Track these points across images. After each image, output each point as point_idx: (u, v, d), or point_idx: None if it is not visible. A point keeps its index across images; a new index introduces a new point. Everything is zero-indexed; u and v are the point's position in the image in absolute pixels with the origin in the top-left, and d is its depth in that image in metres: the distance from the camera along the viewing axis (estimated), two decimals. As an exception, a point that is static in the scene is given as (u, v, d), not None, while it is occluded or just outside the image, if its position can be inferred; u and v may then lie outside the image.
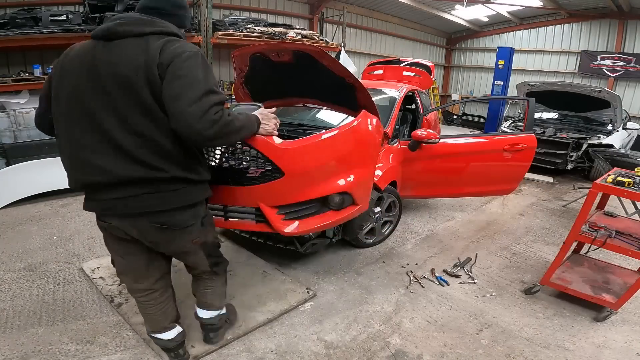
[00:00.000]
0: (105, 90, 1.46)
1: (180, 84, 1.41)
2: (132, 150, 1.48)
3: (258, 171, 1.93)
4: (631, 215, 3.87)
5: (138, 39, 1.47)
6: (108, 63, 1.45)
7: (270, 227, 2.09)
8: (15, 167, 4.31)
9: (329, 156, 2.13)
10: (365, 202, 2.41)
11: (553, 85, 6.88)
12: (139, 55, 1.43)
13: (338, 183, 2.15)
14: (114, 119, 1.47)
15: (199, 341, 2.24)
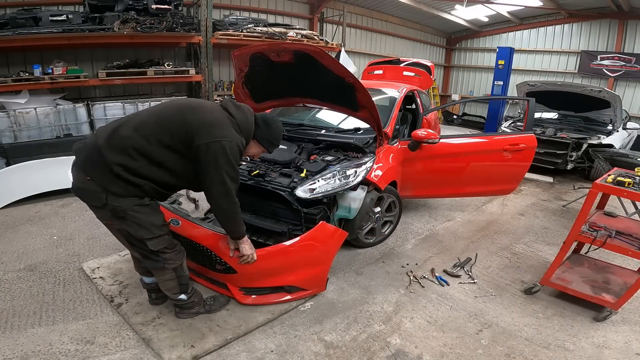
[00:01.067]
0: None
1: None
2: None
3: (221, 267, 2.55)
4: (631, 215, 3.87)
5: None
6: None
7: (234, 297, 2.63)
8: (15, 167, 4.31)
9: (272, 264, 2.54)
10: (320, 287, 2.78)
11: (553, 85, 6.88)
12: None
13: (285, 281, 2.62)
14: None
15: (199, 341, 2.24)
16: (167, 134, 1.90)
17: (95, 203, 1.92)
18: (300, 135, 3.66)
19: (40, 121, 4.78)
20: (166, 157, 1.92)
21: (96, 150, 1.87)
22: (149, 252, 2.10)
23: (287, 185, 3.00)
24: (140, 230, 2.00)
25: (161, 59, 6.39)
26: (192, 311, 2.44)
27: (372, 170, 3.16)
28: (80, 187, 1.91)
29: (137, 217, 1.95)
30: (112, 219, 1.97)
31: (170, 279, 2.23)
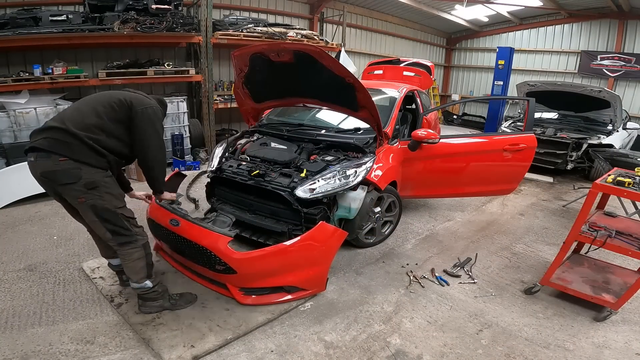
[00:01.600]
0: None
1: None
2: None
3: (221, 267, 2.55)
4: (631, 215, 3.87)
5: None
6: None
7: (234, 297, 2.64)
8: (15, 167, 4.30)
9: (274, 265, 2.58)
10: (319, 287, 2.79)
11: (553, 85, 6.88)
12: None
13: (285, 281, 2.63)
14: None
15: (199, 341, 2.24)
16: (114, 110, 2.24)
17: (71, 180, 2.10)
18: (300, 135, 3.66)
19: (40, 121, 4.77)
20: (119, 130, 2.25)
21: (65, 132, 2.10)
22: (122, 226, 2.25)
23: (287, 185, 3.00)
24: (113, 199, 2.22)
25: (161, 59, 6.39)
26: (156, 304, 2.47)
27: (372, 170, 3.16)
28: (53, 169, 2.09)
29: (108, 187, 2.20)
30: (86, 193, 2.13)
31: (139, 258, 2.31)
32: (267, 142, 3.62)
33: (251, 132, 3.92)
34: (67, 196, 2.20)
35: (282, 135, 3.69)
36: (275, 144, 3.56)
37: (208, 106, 6.25)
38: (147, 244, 2.38)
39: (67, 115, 2.21)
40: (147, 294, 2.42)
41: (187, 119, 6.12)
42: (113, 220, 2.22)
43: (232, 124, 7.90)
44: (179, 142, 5.91)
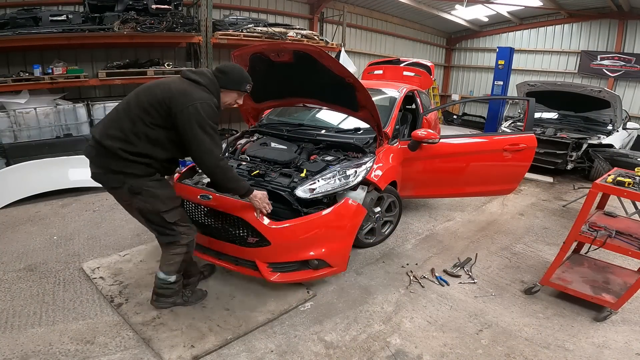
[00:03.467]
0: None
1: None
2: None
3: (254, 240, 2.60)
4: (631, 215, 3.87)
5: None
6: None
7: (261, 275, 2.66)
8: (15, 167, 4.31)
9: (308, 234, 2.65)
10: (342, 265, 2.89)
11: (553, 85, 6.88)
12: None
13: (315, 252, 2.69)
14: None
15: (199, 341, 2.24)
16: (149, 114, 2.08)
17: (115, 184, 2.14)
18: (300, 135, 3.65)
19: (40, 121, 4.78)
20: (157, 134, 2.11)
21: (100, 145, 2.09)
22: (166, 227, 2.25)
23: (287, 185, 3.00)
24: (157, 202, 2.18)
25: (161, 59, 6.39)
26: (170, 300, 2.49)
27: (372, 170, 3.16)
28: (100, 172, 2.15)
29: (152, 191, 2.16)
30: (131, 197, 2.16)
31: (178, 254, 2.33)
32: (267, 142, 3.62)
33: (251, 132, 3.92)
34: (115, 196, 2.28)
35: (282, 135, 3.68)
36: (275, 144, 3.56)
37: (208, 106, 6.24)
38: (191, 242, 2.38)
39: (106, 123, 2.15)
40: (164, 288, 2.43)
41: (187, 119, 6.11)
42: (157, 222, 2.25)
43: (232, 124, 7.89)
44: (179, 142, 5.91)
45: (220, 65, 2.35)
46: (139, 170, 2.11)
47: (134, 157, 2.08)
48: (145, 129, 2.08)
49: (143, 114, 2.07)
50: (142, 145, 2.09)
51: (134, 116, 2.08)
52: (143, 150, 2.09)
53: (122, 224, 3.86)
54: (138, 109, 2.09)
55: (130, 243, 3.47)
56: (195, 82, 2.17)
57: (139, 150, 2.08)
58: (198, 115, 2.06)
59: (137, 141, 2.08)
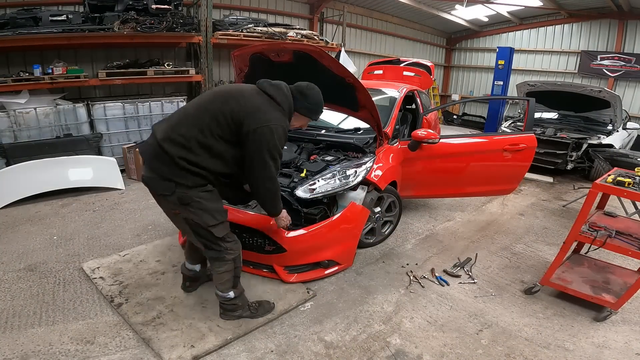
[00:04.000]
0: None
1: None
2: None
3: (271, 248, 2.82)
4: (631, 215, 3.87)
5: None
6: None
7: (279, 277, 2.87)
8: (15, 167, 4.31)
9: (319, 240, 2.86)
10: (349, 261, 3.14)
11: (553, 85, 6.88)
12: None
13: (326, 254, 2.94)
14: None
15: (199, 341, 2.24)
16: (220, 126, 2.00)
17: (165, 192, 2.02)
18: (300, 135, 3.65)
19: (40, 121, 4.78)
20: (222, 148, 2.03)
21: (159, 147, 1.99)
22: (212, 241, 2.17)
23: (287, 185, 3.01)
24: (205, 216, 2.08)
25: (161, 59, 6.39)
26: (235, 314, 2.42)
27: (372, 170, 3.16)
28: (151, 176, 2.05)
29: (202, 203, 2.05)
30: (179, 206, 2.06)
31: (227, 271, 2.27)
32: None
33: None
34: (162, 205, 2.20)
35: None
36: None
37: (208, 106, 6.24)
38: (237, 257, 2.29)
39: (172, 124, 2.04)
40: (227, 304, 2.39)
41: (187, 119, 6.11)
42: (204, 235, 2.16)
43: (232, 124, 7.89)
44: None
45: (302, 85, 2.27)
46: (192, 181, 2.01)
47: (191, 166, 1.98)
48: (211, 140, 1.99)
49: (213, 124, 1.98)
50: (203, 157, 1.99)
51: (203, 125, 1.98)
52: (202, 162, 2.00)
53: (122, 224, 3.86)
54: (209, 117, 1.99)
55: (130, 243, 3.47)
56: (272, 97, 2.10)
57: (199, 161, 1.99)
58: (270, 138, 2.00)
59: (200, 151, 1.98)
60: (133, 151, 5.16)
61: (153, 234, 3.66)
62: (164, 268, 3.02)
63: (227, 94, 2.09)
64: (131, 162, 5.24)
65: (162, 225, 3.86)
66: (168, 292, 2.70)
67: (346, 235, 3.00)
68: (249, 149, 2.01)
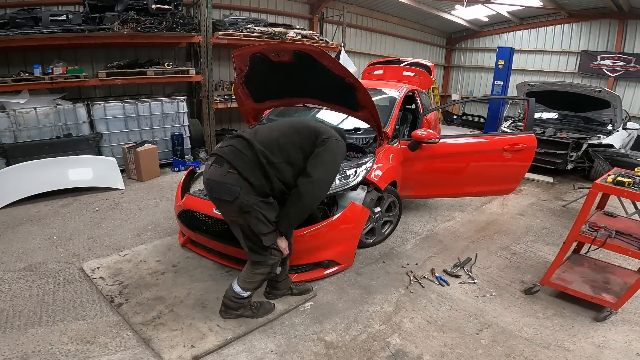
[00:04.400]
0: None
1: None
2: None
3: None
4: (631, 215, 3.87)
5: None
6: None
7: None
8: (15, 167, 4.31)
9: (319, 241, 2.85)
10: (349, 261, 3.14)
11: (553, 85, 6.88)
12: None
13: (326, 254, 2.94)
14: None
15: (199, 341, 2.25)
16: (300, 133, 2.26)
17: (228, 197, 2.10)
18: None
19: (40, 121, 4.78)
20: (297, 156, 2.21)
21: (245, 141, 2.16)
22: (260, 247, 2.24)
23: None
24: (260, 224, 2.17)
25: (161, 59, 6.39)
26: (237, 312, 2.45)
27: (372, 170, 3.16)
28: (218, 180, 2.13)
29: (260, 212, 2.15)
30: (238, 213, 2.14)
31: (262, 274, 2.35)
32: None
33: (251, 132, 3.92)
34: (221, 210, 2.30)
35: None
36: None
37: (208, 106, 6.25)
38: (275, 264, 2.39)
39: (261, 129, 2.28)
40: (234, 302, 2.41)
41: (187, 119, 6.12)
42: (254, 240, 2.23)
43: (232, 124, 7.90)
44: (179, 142, 5.91)
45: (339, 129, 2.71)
46: (260, 183, 2.12)
47: (269, 168, 2.12)
48: (289, 146, 2.19)
49: (295, 133, 2.24)
50: (281, 163, 2.16)
51: (285, 131, 2.25)
52: (281, 167, 2.16)
53: (122, 224, 3.86)
54: (290, 128, 2.28)
55: (130, 243, 3.47)
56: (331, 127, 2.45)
57: (278, 165, 2.15)
58: (336, 149, 2.26)
59: (278, 153, 2.16)
60: (133, 151, 5.16)
61: (153, 234, 3.66)
62: (164, 268, 3.02)
63: (303, 118, 2.55)
64: (131, 162, 5.24)
65: (162, 225, 3.86)
66: (168, 292, 2.70)
67: (346, 235, 3.00)
68: (316, 153, 2.20)
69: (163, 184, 5.15)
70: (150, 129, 5.69)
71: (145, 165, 5.19)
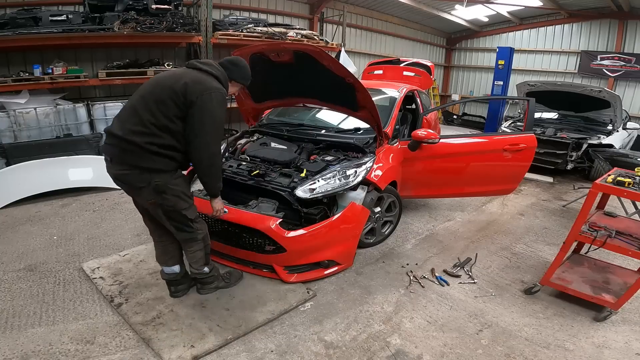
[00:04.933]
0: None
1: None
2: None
3: (271, 247, 2.83)
4: (631, 215, 3.87)
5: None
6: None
7: (279, 277, 2.89)
8: (15, 167, 4.31)
9: (319, 240, 2.87)
10: (349, 261, 3.15)
11: (553, 85, 6.88)
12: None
13: (326, 254, 2.95)
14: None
15: (199, 341, 2.25)
16: (167, 105, 2.08)
17: (141, 184, 2.14)
18: (300, 135, 3.65)
19: (40, 121, 4.78)
20: (176, 127, 2.11)
21: (125, 142, 2.07)
22: (185, 224, 2.34)
23: (287, 185, 3.01)
24: (179, 201, 2.25)
25: (161, 59, 6.39)
26: (212, 286, 2.67)
27: (372, 170, 3.16)
28: (125, 173, 2.14)
29: (175, 190, 2.21)
30: (155, 196, 2.18)
31: (199, 249, 2.48)
32: (267, 142, 3.62)
33: (251, 132, 3.92)
34: (138, 198, 2.32)
35: (282, 135, 3.69)
36: (275, 144, 3.56)
37: (208, 106, 6.24)
38: (206, 236, 2.50)
39: (124, 118, 2.13)
40: (204, 279, 2.62)
41: (187, 119, 6.11)
42: (178, 219, 2.30)
43: (232, 124, 7.89)
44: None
45: (229, 58, 2.42)
46: (165, 164, 2.14)
47: (161, 149, 2.09)
48: (165, 121, 2.08)
49: (162, 106, 2.07)
50: (167, 138, 2.10)
51: (154, 110, 2.07)
52: (168, 142, 2.11)
53: (122, 224, 3.86)
54: (155, 102, 2.08)
55: (130, 243, 3.47)
56: (206, 72, 2.19)
57: (165, 142, 2.10)
58: (211, 104, 2.08)
59: (162, 134, 2.09)
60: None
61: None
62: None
63: (164, 78, 2.18)
64: (131, 162, 5.23)
65: (162, 225, 3.86)
66: (168, 292, 2.70)
67: (346, 235, 3.00)
68: (194, 116, 2.08)
69: (163, 184, 5.15)
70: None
71: (145, 165, 5.19)
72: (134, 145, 2.06)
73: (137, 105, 2.12)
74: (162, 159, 2.12)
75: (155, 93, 2.11)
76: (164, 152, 2.11)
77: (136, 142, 2.05)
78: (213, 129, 2.12)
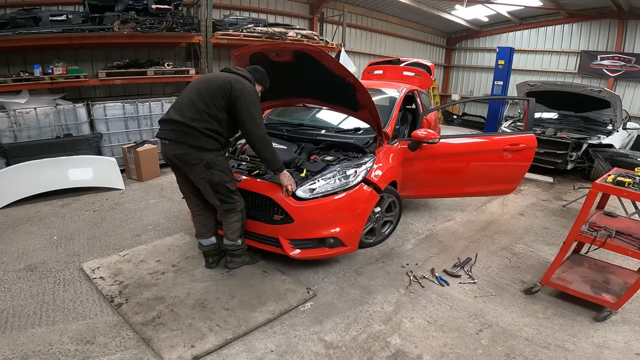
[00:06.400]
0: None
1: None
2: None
3: (279, 217, 2.91)
4: (631, 215, 3.87)
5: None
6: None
7: (283, 251, 2.93)
8: (15, 167, 4.31)
9: (326, 214, 2.91)
10: (354, 245, 3.13)
11: (553, 85, 6.87)
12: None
13: (332, 231, 2.95)
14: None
15: (199, 341, 2.25)
16: (216, 98, 2.58)
17: (195, 161, 2.59)
18: (300, 135, 3.66)
19: (40, 121, 4.78)
20: (222, 116, 2.62)
21: (187, 126, 2.56)
22: (227, 195, 2.73)
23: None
24: (223, 175, 2.69)
25: (161, 59, 6.39)
26: (240, 259, 3.02)
27: (372, 170, 3.16)
28: (182, 153, 2.59)
29: (220, 165, 2.67)
30: (205, 171, 2.62)
31: (237, 220, 2.83)
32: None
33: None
34: (190, 174, 2.68)
35: (282, 135, 3.69)
36: (275, 144, 3.55)
37: (208, 106, 6.25)
38: (243, 209, 2.86)
39: (184, 107, 2.60)
40: (236, 250, 2.95)
41: (187, 119, 6.12)
42: (222, 191, 2.70)
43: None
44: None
45: (254, 66, 2.94)
46: (212, 145, 2.61)
47: (212, 133, 2.58)
48: (215, 111, 2.57)
49: (214, 99, 2.57)
50: (215, 124, 2.59)
51: (207, 101, 2.56)
52: (216, 127, 2.60)
53: (122, 224, 3.86)
54: (208, 96, 2.57)
55: (130, 243, 3.47)
56: (242, 75, 2.72)
57: (214, 127, 2.59)
58: (250, 97, 2.59)
59: (212, 120, 2.58)
60: (133, 151, 5.16)
61: (153, 234, 3.66)
62: (164, 268, 3.02)
63: (213, 78, 2.70)
64: (131, 162, 5.24)
65: (162, 225, 3.86)
66: (168, 292, 2.70)
67: (354, 214, 3.03)
68: (238, 108, 2.57)
69: (163, 184, 5.15)
70: (150, 129, 5.69)
71: (145, 165, 5.19)
72: (192, 129, 2.54)
73: (194, 98, 2.60)
74: (211, 140, 2.60)
75: (209, 89, 2.60)
76: (213, 135, 2.59)
77: (195, 127, 2.54)
78: (257, 113, 2.62)
